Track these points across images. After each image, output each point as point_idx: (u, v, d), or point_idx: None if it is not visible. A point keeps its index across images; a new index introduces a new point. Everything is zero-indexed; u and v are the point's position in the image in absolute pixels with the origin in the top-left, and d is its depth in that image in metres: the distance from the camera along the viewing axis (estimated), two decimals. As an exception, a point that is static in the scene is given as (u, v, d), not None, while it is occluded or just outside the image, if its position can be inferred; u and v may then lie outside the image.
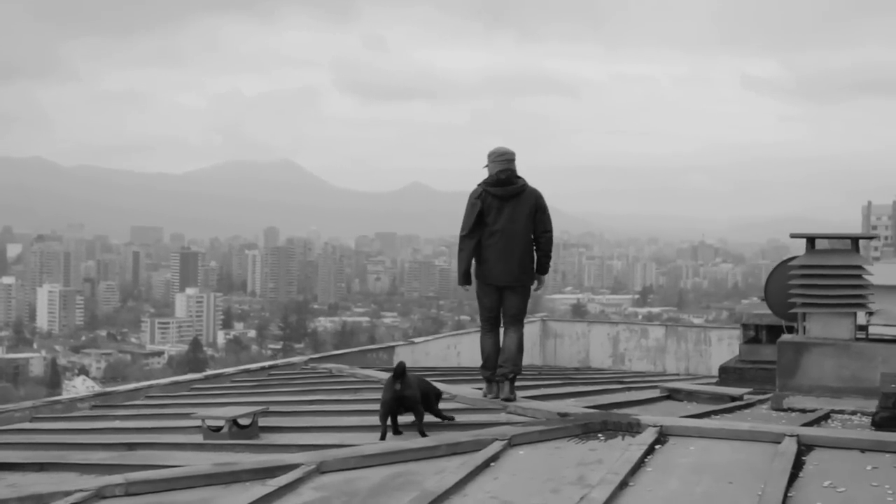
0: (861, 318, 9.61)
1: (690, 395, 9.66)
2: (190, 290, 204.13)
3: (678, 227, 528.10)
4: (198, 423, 7.28)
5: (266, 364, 12.88)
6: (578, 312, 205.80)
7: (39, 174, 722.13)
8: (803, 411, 8.82)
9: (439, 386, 7.82)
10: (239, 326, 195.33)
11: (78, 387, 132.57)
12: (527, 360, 19.54)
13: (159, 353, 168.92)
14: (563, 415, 6.92)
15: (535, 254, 8.43)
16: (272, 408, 8.31)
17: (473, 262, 8.33)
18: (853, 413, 8.65)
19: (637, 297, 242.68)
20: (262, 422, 7.41)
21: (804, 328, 9.73)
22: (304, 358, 13.23)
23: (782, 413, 8.80)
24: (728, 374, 12.56)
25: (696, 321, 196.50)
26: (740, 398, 9.56)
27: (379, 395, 9.29)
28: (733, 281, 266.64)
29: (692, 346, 19.94)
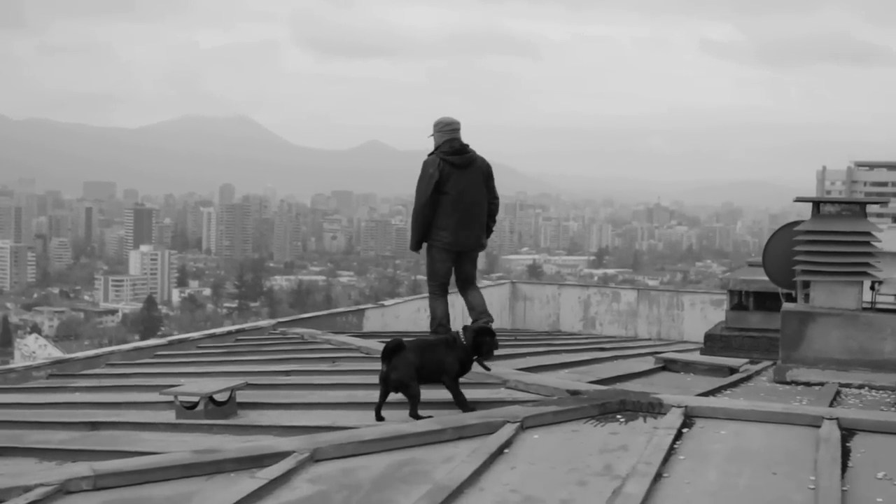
0: (866, 290, 9.14)
1: (687, 367, 9.18)
2: (144, 248, 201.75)
3: (634, 189, 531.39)
4: (168, 398, 6.62)
5: (233, 328, 12.21)
6: (535, 273, 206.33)
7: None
8: (808, 384, 8.37)
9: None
10: (194, 284, 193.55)
11: (30, 345, 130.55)
12: (497, 322, 19.19)
13: (113, 312, 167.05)
14: (575, 392, 6.36)
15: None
16: (245, 378, 7.71)
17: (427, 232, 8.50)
18: (861, 387, 8.23)
19: (593, 258, 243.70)
20: (240, 396, 6.79)
21: (806, 296, 9.26)
22: (272, 322, 12.59)
23: (787, 386, 8.36)
24: (714, 341, 12.14)
25: (651, 283, 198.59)
26: (740, 369, 9.10)
27: (356, 366, 8.77)
28: (688, 243, 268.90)
29: (664, 311, 19.59)
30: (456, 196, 8.29)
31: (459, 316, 17.36)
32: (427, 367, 6.36)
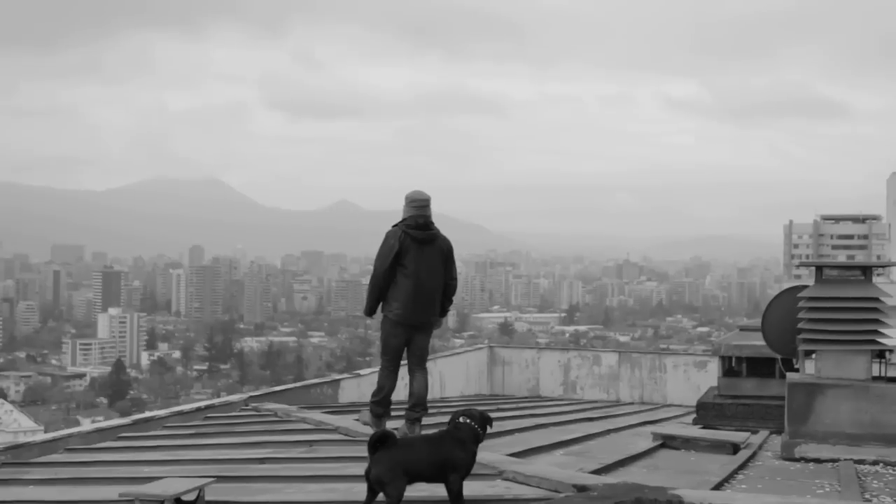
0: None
1: (688, 443, 8.64)
2: (112, 311, 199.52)
3: (603, 245, 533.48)
4: (129, 500, 5.94)
5: (202, 404, 11.54)
6: (506, 331, 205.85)
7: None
8: (819, 461, 7.85)
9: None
10: (163, 347, 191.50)
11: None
12: (475, 388, 18.60)
13: (81, 375, 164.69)
14: (583, 489, 5.79)
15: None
16: (216, 467, 7.08)
17: (381, 301, 8.57)
18: (875, 463, 7.71)
19: (564, 315, 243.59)
20: (209, 492, 6.15)
21: (806, 365, 8.77)
22: (244, 396, 11.92)
23: (797, 464, 7.83)
24: (707, 409, 11.62)
25: (623, 339, 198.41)
26: (743, 445, 8.55)
27: (336, 450, 8.10)
28: (658, 298, 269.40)
29: (646, 374, 19.13)
30: (412, 271, 8.31)
31: (436, 385, 16.78)
32: (431, 464, 5.59)
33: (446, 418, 12.16)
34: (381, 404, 8.58)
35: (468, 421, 5.81)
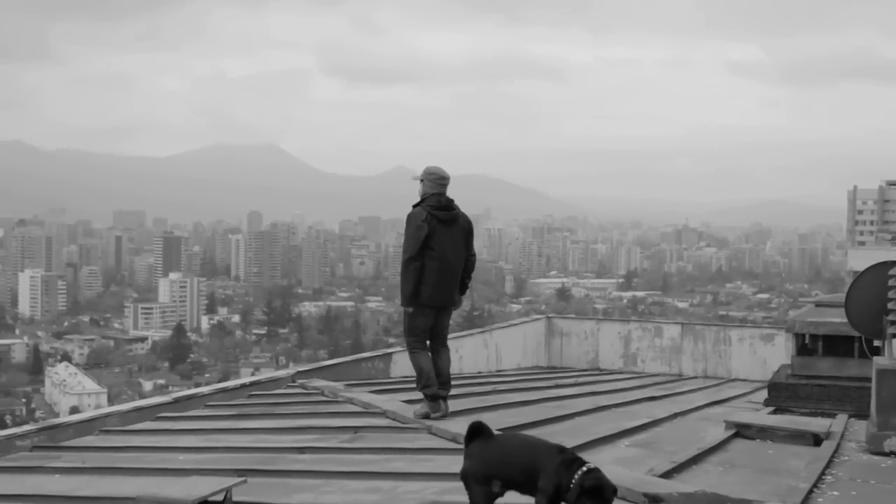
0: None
1: (764, 433, 7.93)
2: (173, 275, 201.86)
3: (662, 210, 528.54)
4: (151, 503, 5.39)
5: (246, 381, 11.05)
6: (563, 297, 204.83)
7: (21, 158, 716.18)
8: (911, 456, 7.11)
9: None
10: (223, 311, 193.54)
11: (60, 373, 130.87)
12: (532, 360, 17.99)
13: (143, 339, 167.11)
14: (655, 499, 5.15)
15: None
16: (252, 457, 6.57)
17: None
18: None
19: (621, 281, 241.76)
20: (239, 492, 5.61)
21: (893, 349, 8.00)
22: (290, 372, 11.40)
23: (886, 459, 7.11)
24: (779, 390, 10.90)
25: (681, 305, 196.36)
26: (826, 436, 7.82)
27: (381, 440, 7.46)
28: (717, 265, 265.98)
29: (710, 347, 18.35)
30: (439, 252, 8.25)
31: (492, 358, 16.20)
32: (524, 471, 4.66)
33: (506, 387, 11.57)
34: (429, 385, 8.33)
35: (592, 471, 4.58)
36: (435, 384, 8.29)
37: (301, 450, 7.16)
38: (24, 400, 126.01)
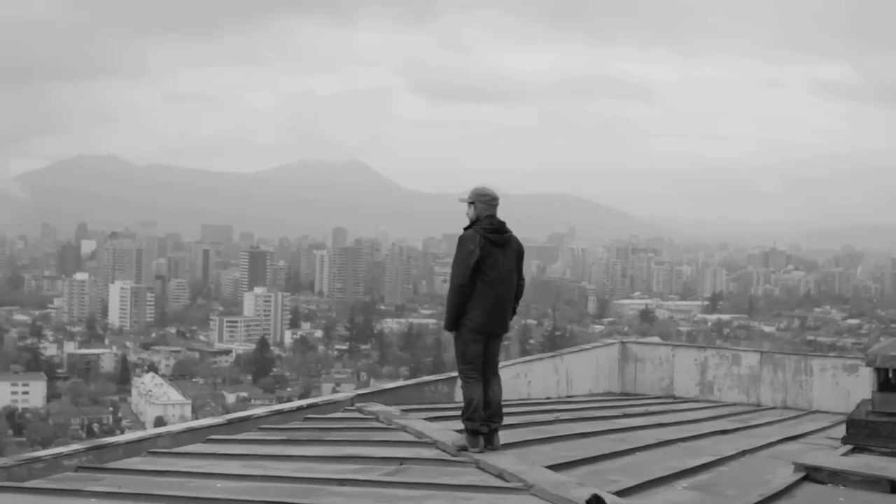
0: None
1: (836, 477, 7.45)
2: (258, 289, 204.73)
3: (749, 232, 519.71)
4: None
5: (304, 403, 10.87)
6: (646, 318, 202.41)
7: (113, 173, 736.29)
8: None
9: None
10: (306, 326, 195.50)
11: (147, 383, 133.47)
12: (604, 386, 17.53)
13: (227, 352, 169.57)
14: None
15: None
16: (290, 487, 6.34)
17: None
18: None
19: (706, 303, 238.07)
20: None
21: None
22: (350, 395, 11.19)
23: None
24: (858, 428, 10.30)
25: (767, 329, 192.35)
26: (902, 482, 7.29)
27: (425, 474, 7.17)
28: (805, 289, 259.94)
29: (790, 377, 17.63)
30: (493, 277, 7.99)
31: (562, 383, 15.79)
32: None
33: (570, 416, 11.16)
34: (473, 419, 8.01)
35: None
36: (479, 419, 7.99)
37: (341, 482, 6.91)
38: (111, 409, 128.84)
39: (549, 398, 14.46)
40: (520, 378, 14.68)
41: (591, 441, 9.09)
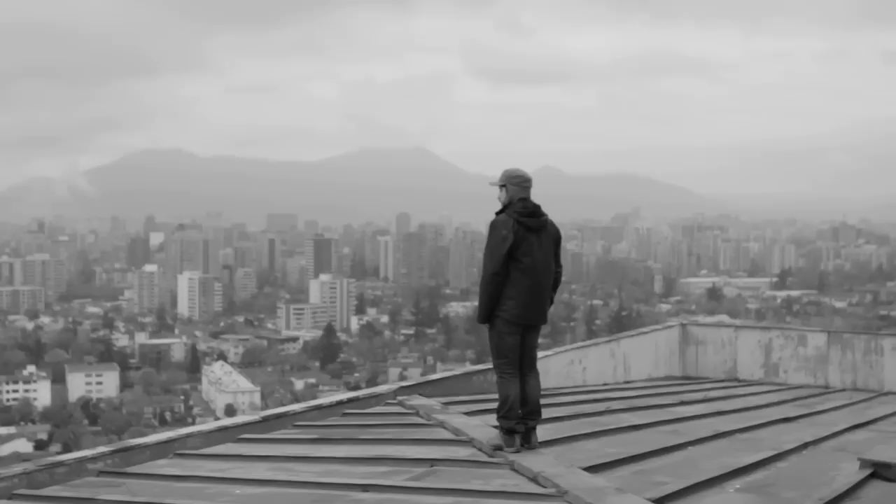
0: None
1: (906, 474, 6.80)
2: (324, 277, 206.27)
3: (817, 207, 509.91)
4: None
5: (344, 398, 10.44)
6: (714, 296, 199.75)
7: (181, 165, 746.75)
8: None
9: None
10: (372, 312, 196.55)
11: (216, 371, 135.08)
12: (664, 370, 16.90)
13: (294, 339, 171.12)
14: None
15: None
16: (313, 493, 5.93)
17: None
18: None
19: (775, 280, 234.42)
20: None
21: None
22: (394, 387, 10.75)
23: None
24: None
25: (839, 305, 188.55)
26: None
27: (456, 478, 6.76)
28: (877, 263, 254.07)
29: (860, 357, 16.83)
30: (529, 264, 7.44)
31: (619, 369, 15.21)
32: None
33: (623, 405, 10.59)
34: (509, 417, 7.51)
35: None
36: (515, 417, 7.49)
37: (365, 487, 6.48)
38: (182, 397, 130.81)
39: (605, 385, 13.93)
40: (574, 365, 14.15)
41: (642, 434, 8.57)
